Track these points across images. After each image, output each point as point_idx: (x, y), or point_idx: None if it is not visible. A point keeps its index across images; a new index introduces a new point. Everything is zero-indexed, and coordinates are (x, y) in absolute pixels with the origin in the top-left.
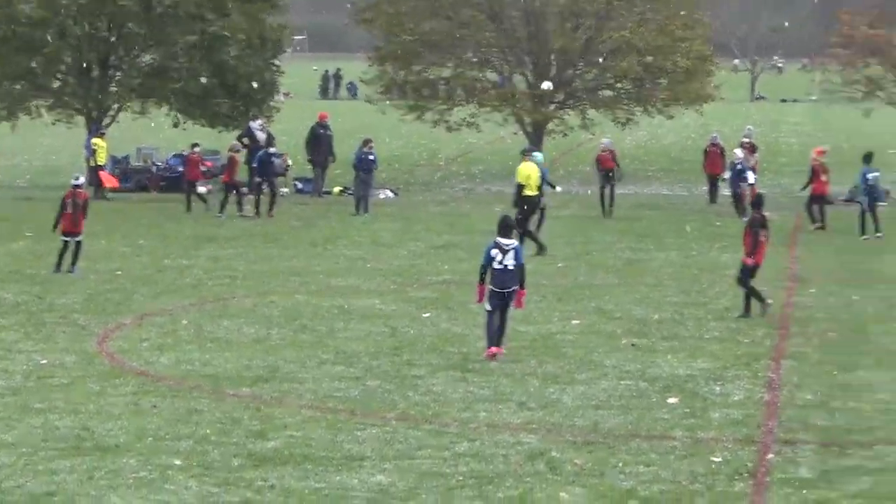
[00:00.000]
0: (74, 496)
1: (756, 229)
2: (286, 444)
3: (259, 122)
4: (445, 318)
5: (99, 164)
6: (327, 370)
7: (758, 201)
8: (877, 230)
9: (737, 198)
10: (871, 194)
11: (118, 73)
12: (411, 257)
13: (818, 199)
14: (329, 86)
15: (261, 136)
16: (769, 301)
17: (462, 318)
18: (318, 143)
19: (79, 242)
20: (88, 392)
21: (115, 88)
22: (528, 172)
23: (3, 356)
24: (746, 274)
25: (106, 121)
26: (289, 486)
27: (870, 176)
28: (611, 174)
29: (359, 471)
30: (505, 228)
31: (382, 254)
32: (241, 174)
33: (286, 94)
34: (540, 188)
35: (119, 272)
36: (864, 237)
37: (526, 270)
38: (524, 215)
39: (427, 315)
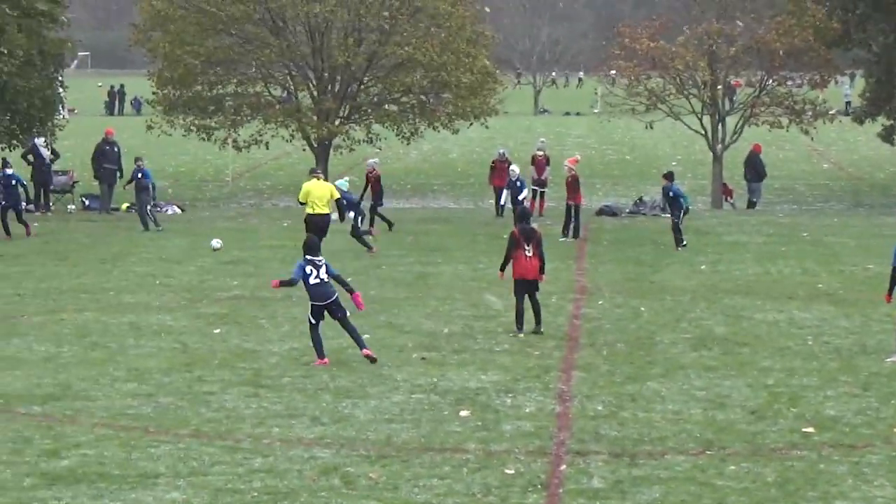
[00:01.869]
0: None
1: (513, 244)
2: (79, 463)
3: (43, 139)
4: (236, 334)
5: None
6: (119, 387)
7: (521, 215)
8: (682, 241)
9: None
10: (680, 207)
11: None
12: (200, 273)
13: (577, 209)
14: (114, 102)
15: (45, 153)
16: (519, 335)
17: (253, 334)
18: (105, 159)
19: None
20: None
21: None
22: (309, 189)
23: None
24: (516, 288)
25: None
26: None
27: (680, 190)
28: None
29: (153, 488)
30: (312, 248)
31: (172, 270)
32: None
33: (71, 111)
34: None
35: None
36: (681, 247)
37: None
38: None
39: (217, 331)
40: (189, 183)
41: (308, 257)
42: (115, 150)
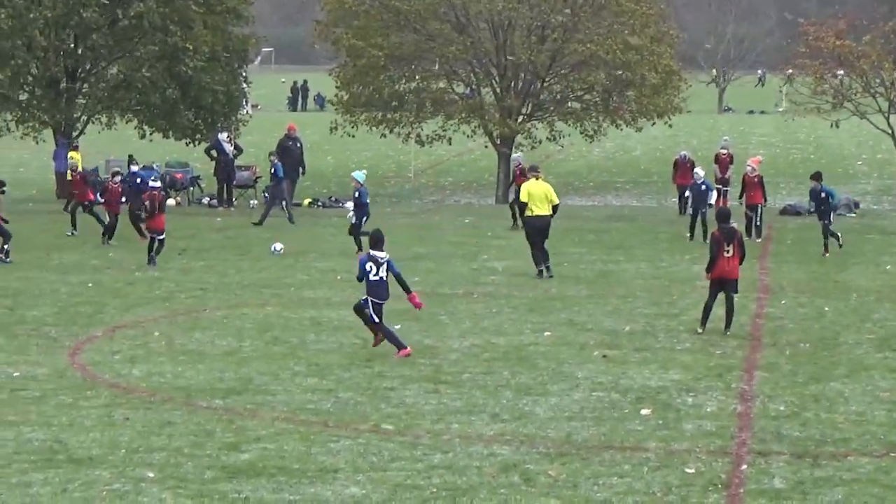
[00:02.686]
0: None
1: (716, 244)
2: (260, 457)
3: (226, 134)
4: (416, 330)
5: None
6: (300, 382)
7: (721, 215)
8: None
9: (696, 218)
10: (833, 209)
11: (85, 86)
12: None
13: (758, 209)
14: (297, 98)
15: (228, 148)
16: (699, 331)
17: (433, 330)
18: (287, 155)
19: (162, 240)
20: (61, 404)
21: (82, 101)
22: (530, 190)
23: None
24: (712, 287)
25: (74, 133)
26: (262, 499)
27: (833, 191)
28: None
29: (332, 483)
30: (377, 242)
31: (353, 266)
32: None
33: (254, 106)
34: (556, 208)
35: (90, 284)
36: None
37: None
38: (529, 238)
39: (398, 326)
40: (371, 179)
41: (371, 253)
42: (298, 145)
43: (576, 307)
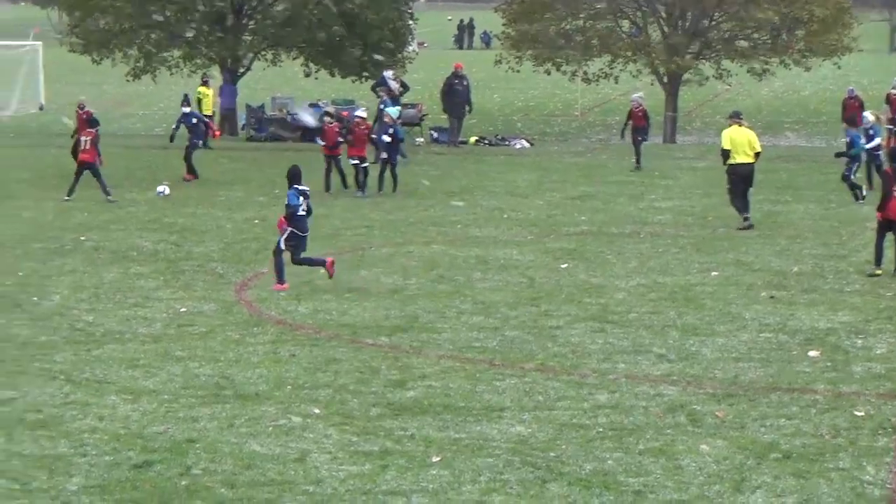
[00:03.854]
0: (215, 443)
1: (888, 182)
2: (425, 394)
3: (392, 71)
4: (583, 269)
5: (205, 113)
6: (465, 320)
7: (893, 154)
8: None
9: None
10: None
11: (251, 22)
12: (548, 208)
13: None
14: (464, 35)
15: (394, 85)
16: (877, 272)
17: (600, 269)
18: (454, 94)
19: (365, 167)
20: (227, 340)
21: (247, 37)
22: (732, 137)
23: (143, 304)
24: (880, 226)
25: (240, 70)
26: (428, 436)
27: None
28: (641, 129)
29: (498, 421)
30: (295, 177)
31: (519, 204)
32: None
33: (421, 44)
34: (758, 155)
35: (256, 221)
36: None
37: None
38: (731, 186)
39: (565, 266)
40: (538, 117)
41: (297, 187)
42: (464, 83)
43: (743, 247)
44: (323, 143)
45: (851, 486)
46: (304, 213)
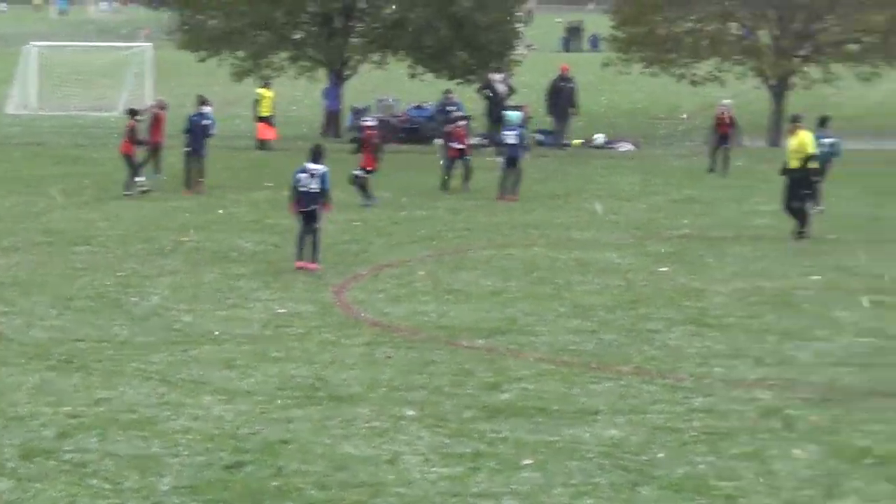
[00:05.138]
0: (309, 444)
1: None
2: (519, 397)
3: (501, 74)
4: (683, 273)
5: (262, 115)
6: (563, 323)
7: None
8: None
9: None
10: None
11: (360, 25)
12: (651, 211)
13: None
14: (571, 38)
15: (501, 88)
16: None
17: (700, 273)
18: (559, 96)
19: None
20: (324, 342)
21: (356, 40)
22: (790, 142)
23: (241, 304)
24: None
25: (347, 72)
26: (521, 439)
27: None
28: (726, 136)
29: (592, 424)
30: (312, 154)
31: (622, 207)
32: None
33: (529, 46)
34: (809, 159)
35: (356, 223)
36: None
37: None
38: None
39: (664, 269)
40: (643, 120)
41: (305, 164)
42: (570, 86)
43: (845, 252)
44: (451, 145)
45: None
46: (304, 189)
